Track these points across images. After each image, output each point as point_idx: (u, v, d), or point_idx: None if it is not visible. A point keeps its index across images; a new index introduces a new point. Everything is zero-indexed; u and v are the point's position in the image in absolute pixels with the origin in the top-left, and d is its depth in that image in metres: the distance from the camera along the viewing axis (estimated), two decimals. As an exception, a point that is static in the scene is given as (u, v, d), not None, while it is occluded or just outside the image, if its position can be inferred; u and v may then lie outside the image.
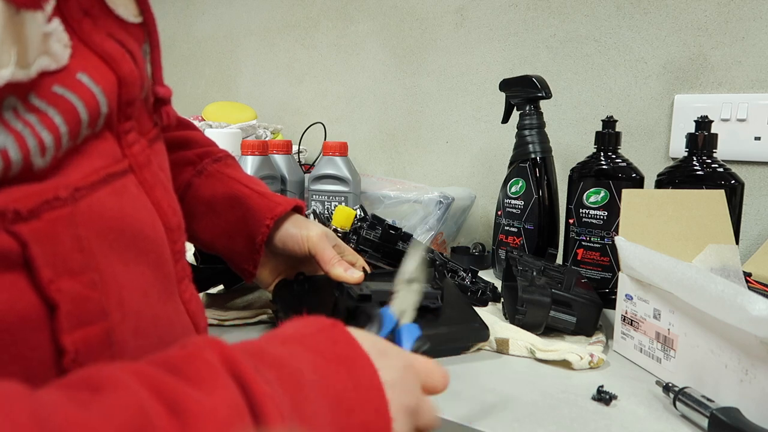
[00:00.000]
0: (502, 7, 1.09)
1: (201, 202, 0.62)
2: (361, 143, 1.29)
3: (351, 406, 0.31)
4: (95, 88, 0.31)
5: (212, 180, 0.63)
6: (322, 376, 0.31)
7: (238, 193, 0.62)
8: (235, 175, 0.64)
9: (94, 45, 0.32)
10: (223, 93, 1.50)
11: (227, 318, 0.66)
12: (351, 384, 0.32)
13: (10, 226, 0.27)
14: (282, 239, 0.61)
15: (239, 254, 0.61)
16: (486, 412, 0.46)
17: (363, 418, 0.31)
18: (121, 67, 0.33)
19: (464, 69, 1.15)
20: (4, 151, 0.27)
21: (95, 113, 0.32)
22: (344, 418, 0.31)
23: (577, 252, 0.78)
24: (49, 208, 0.29)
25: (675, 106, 0.94)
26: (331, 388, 0.31)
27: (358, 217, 0.77)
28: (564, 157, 1.00)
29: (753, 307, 0.41)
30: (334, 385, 0.31)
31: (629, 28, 0.98)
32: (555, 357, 0.56)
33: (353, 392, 0.32)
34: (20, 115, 0.28)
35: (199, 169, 0.63)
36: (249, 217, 0.60)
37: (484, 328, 0.59)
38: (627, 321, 0.59)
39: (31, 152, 0.28)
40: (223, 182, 0.62)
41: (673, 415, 0.47)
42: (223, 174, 0.63)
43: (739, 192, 0.70)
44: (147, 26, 0.38)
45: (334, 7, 1.30)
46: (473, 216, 1.10)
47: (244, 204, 0.61)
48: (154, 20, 0.39)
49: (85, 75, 0.31)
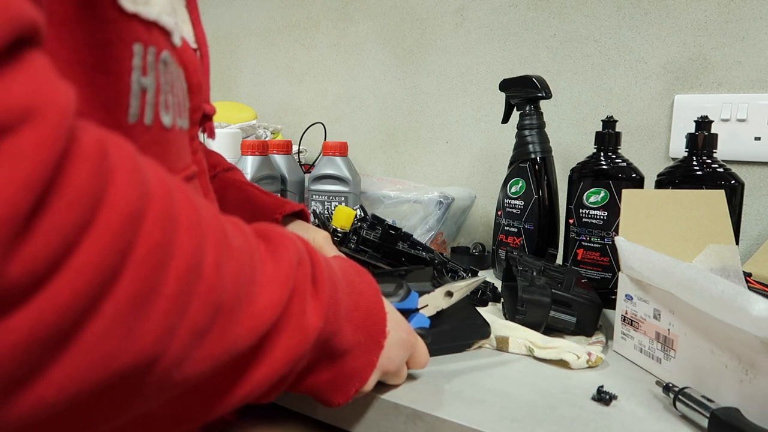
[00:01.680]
0: (502, 7, 1.09)
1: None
2: (361, 143, 1.29)
3: (360, 289, 0.43)
4: (183, 84, 0.37)
5: (224, 184, 0.67)
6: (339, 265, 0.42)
7: (248, 194, 0.66)
8: (245, 181, 0.69)
9: (178, 51, 0.37)
10: (223, 93, 1.50)
11: None
12: (357, 276, 0.44)
13: None
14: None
15: None
16: (486, 412, 0.46)
17: (368, 304, 0.42)
18: (191, 77, 0.39)
19: (464, 69, 1.15)
20: (144, 91, 0.31)
21: (184, 102, 0.38)
22: (355, 296, 0.42)
23: (577, 252, 0.78)
24: None
25: (675, 106, 0.94)
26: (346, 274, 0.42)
27: (358, 217, 0.77)
28: (564, 157, 1.00)
29: (753, 307, 0.41)
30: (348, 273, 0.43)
31: (629, 28, 0.98)
32: (553, 355, 0.56)
33: (358, 279, 0.43)
34: (167, 72, 0.33)
35: (213, 175, 0.66)
36: (258, 213, 0.62)
37: (485, 325, 0.59)
38: (627, 321, 0.59)
39: (160, 104, 0.33)
40: (234, 186, 0.66)
41: (673, 416, 0.47)
42: (234, 179, 0.67)
43: (739, 192, 0.70)
44: (201, 54, 0.44)
45: (334, 7, 1.30)
46: (473, 216, 1.10)
47: (254, 202, 0.64)
48: (207, 49, 0.46)
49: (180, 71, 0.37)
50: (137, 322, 0.23)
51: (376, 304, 0.43)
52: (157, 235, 0.24)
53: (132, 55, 0.30)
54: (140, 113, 0.31)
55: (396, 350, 0.44)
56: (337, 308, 0.38)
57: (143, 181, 0.24)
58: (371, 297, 0.43)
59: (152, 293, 0.24)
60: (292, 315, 0.33)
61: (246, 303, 0.30)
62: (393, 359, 0.44)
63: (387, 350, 0.43)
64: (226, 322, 0.28)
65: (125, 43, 0.30)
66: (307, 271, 0.36)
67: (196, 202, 0.28)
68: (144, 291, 0.23)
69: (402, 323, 0.46)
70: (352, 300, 0.41)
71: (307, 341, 0.35)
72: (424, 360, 0.49)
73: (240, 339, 0.30)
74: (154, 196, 0.24)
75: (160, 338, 0.24)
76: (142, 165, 0.25)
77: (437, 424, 0.46)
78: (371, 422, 0.49)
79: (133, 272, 0.23)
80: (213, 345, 0.28)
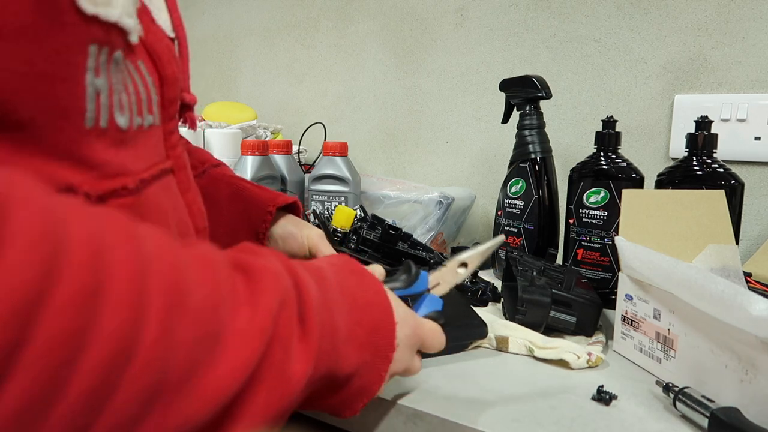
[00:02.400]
0: (502, 7, 1.09)
1: (204, 199, 0.63)
2: (361, 143, 1.29)
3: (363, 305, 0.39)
4: (148, 79, 0.36)
5: (214, 180, 0.64)
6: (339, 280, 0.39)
7: (239, 188, 0.64)
8: (235, 176, 0.67)
9: (147, 43, 0.36)
10: (223, 93, 1.50)
11: None
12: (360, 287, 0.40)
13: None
14: (282, 237, 0.61)
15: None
16: (486, 412, 0.46)
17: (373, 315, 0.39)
18: (165, 68, 0.37)
19: (464, 69, 1.15)
20: (98, 93, 0.30)
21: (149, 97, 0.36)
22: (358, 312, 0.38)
23: (577, 252, 0.78)
24: (116, 196, 0.31)
25: (675, 106, 0.94)
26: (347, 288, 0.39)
27: (358, 217, 0.77)
28: (564, 157, 1.00)
29: (753, 307, 0.41)
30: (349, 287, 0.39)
31: (629, 28, 0.98)
32: (553, 355, 0.56)
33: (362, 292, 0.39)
34: (119, 72, 0.32)
35: (201, 172, 0.64)
36: (251, 208, 0.61)
37: (482, 326, 0.59)
38: (627, 321, 0.59)
39: (114, 105, 0.31)
40: (224, 181, 0.64)
41: (673, 415, 0.47)
42: (224, 174, 0.66)
43: (739, 192, 0.70)
44: (179, 41, 0.42)
45: (334, 7, 1.30)
46: (473, 216, 1.10)
47: (246, 196, 0.63)
48: (185, 37, 0.43)
49: (143, 65, 0.35)
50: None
51: (384, 316, 0.40)
52: (63, 322, 0.20)
53: (87, 56, 0.29)
54: (96, 117, 0.30)
55: (402, 352, 0.42)
56: (334, 336, 0.35)
57: (51, 254, 0.20)
58: (378, 308, 0.40)
59: (50, 396, 0.20)
60: (272, 366, 0.29)
61: (204, 370, 0.26)
62: (401, 361, 0.42)
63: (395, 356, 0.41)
64: (169, 402, 0.24)
65: (82, 46, 0.28)
66: (293, 312, 0.32)
67: (145, 255, 0.24)
68: (38, 396, 0.19)
69: (407, 319, 0.43)
70: (355, 317, 0.37)
71: (292, 392, 0.31)
72: (438, 343, 0.45)
73: (194, 414, 0.26)
74: (66, 270, 0.20)
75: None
76: (59, 225, 0.21)
77: (437, 424, 0.46)
78: (371, 422, 0.49)
79: (22, 376, 0.19)
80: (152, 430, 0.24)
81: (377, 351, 0.39)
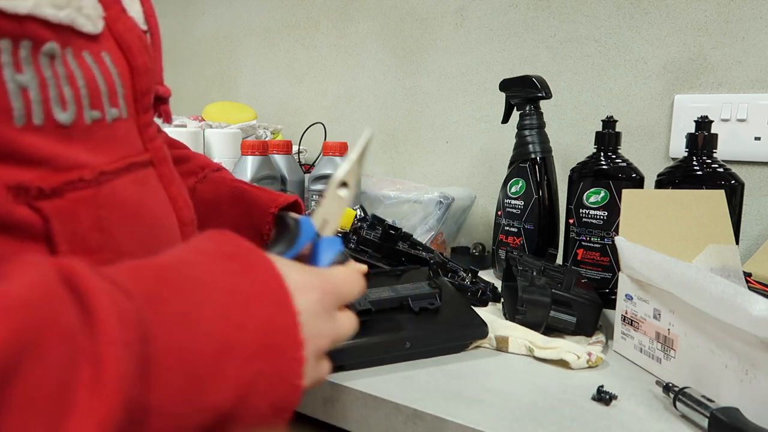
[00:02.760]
0: (502, 7, 1.09)
1: (206, 203, 0.63)
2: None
3: (246, 299, 0.30)
4: (113, 70, 0.34)
5: (215, 184, 0.65)
6: (210, 272, 0.30)
7: (241, 191, 0.64)
8: (236, 179, 0.67)
9: (116, 33, 0.35)
10: (223, 93, 1.50)
11: None
12: (243, 275, 0.31)
13: (33, 202, 0.29)
14: None
15: None
16: (486, 412, 0.46)
17: (263, 310, 0.30)
18: (136, 58, 0.36)
19: (464, 69, 1.15)
20: (25, 89, 0.29)
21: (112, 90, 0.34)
22: (238, 312, 0.29)
23: (577, 252, 0.78)
24: (73, 188, 0.31)
25: (675, 106, 0.94)
26: (220, 282, 0.30)
27: (358, 217, 0.77)
28: (564, 157, 1.00)
29: (753, 307, 0.41)
30: (224, 279, 0.30)
31: (629, 29, 0.98)
32: (553, 356, 0.56)
33: (246, 283, 0.31)
34: (54, 66, 0.30)
35: (202, 177, 0.64)
36: (253, 209, 0.61)
37: (482, 325, 0.59)
38: (627, 321, 0.59)
39: (51, 100, 0.30)
40: (225, 184, 0.65)
41: (673, 415, 0.47)
42: (225, 178, 0.66)
43: (739, 192, 0.70)
44: (151, 33, 0.41)
45: (334, 7, 1.30)
46: (473, 216, 1.10)
47: (247, 198, 0.63)
48: (157, 28, 0.42)
49: (108, 56, 0.34)
50: None
51: (280, 307, 0.31)
52: None
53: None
54: (26, 114, 0.28)
55: (316, 324, 0.34)
56: (184, 361, 0.26)
57: None
58: (269, 298, 0.31)
59: None
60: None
61: None
62: (321, 336, 0.34)
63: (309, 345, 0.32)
64: None
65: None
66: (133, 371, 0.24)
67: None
68: None
69: (310, 282, 0.34)
70: (234, 320, 0.29)
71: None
72: (356, 288, 0.38)
73: None
74: None
75: None
76: None
77: (437, 424, 0.46)
78: (371, 422, 0.49)
79: None
80: None
81: (277, 355, 0.30)
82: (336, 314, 0.36)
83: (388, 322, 0.56)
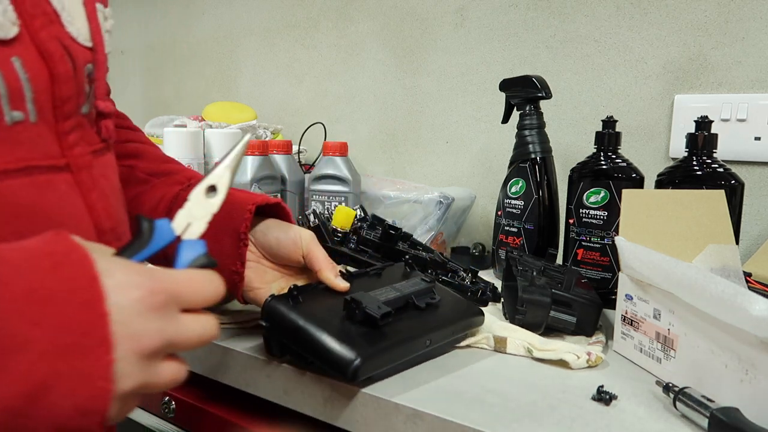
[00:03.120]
0: (502, 7, 1.09)
1: None
2: (361, 143, 1.29)
3: (47, 296, 0.29)
4: (22, 75, 0.35)
5: None
6: (20, 269, 0.29)
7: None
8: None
9: (38, 41, 0.37)
10: (223, 93, 1.50)
11: (222, 322, 0.65)
12: (51, 273, 0.30)
13: None
14: (277, 238, 0.60)
15: (227, 255, 0.59)
16: (486, 412, 0.46)
17: (65, 308, 0.29)
18: (57, 66, 0.37)
19: (464, 69, 1.15)
20: None
21: (17, 93, 0.35)
22: (38, 308, 0.28)
23: (577, 252, 0.78)
24: None
25: (675, 106, 0.94)
26: (24, 279, 0.29)
27: (358, 217, 0.77)
28: (564, 157, 1.00)
29: (753, 307, 0.41)
30: (30, 276, 0.29)
31: (629, 28, 0.98)
32: (552, 356, 0.56)
33: (51, 281, 0.29)
34: None
35: (186, 185, 0.63)
36: (232, 209, 0.60)
37: (479, 314, 0.60)
38: (627, 321, 0.59)
39: None
40: None
41: (673, 415, 0.47)
42: None
43: (739, 192, 0.70)
44: (95, 52, 0.42)
45: (334, 7, 1.30)
46: (473, 216, 1.10)
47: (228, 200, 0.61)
48: (103, 45, 0.43)
49: (19, 61, 0.35)
50: None
51: (83, 308, 0.29)
52: None
53: None
54: None
55: (138, 323, 0.31)
56: None
57: None
58: (73, 295, 0.29)
59: None
60: None
61: None
62: (144, 335, 0.31)
63: (124, 345, 0.30)
64: None
65: None
66: None
67: None
68: None
69: (133, 282, 0.32)
70: (29, 317, 0.28)
71: None
72: (207, 291, 0.36)
73: None
74: None
75: None
76: None
77: (437, 424, 0.46)
78: (371, 422, 0.49)
79: None
80: None
81: (76, 354, 0.28)
82: (176, 315, 0.34)
83: (400, 323, 0.54)
